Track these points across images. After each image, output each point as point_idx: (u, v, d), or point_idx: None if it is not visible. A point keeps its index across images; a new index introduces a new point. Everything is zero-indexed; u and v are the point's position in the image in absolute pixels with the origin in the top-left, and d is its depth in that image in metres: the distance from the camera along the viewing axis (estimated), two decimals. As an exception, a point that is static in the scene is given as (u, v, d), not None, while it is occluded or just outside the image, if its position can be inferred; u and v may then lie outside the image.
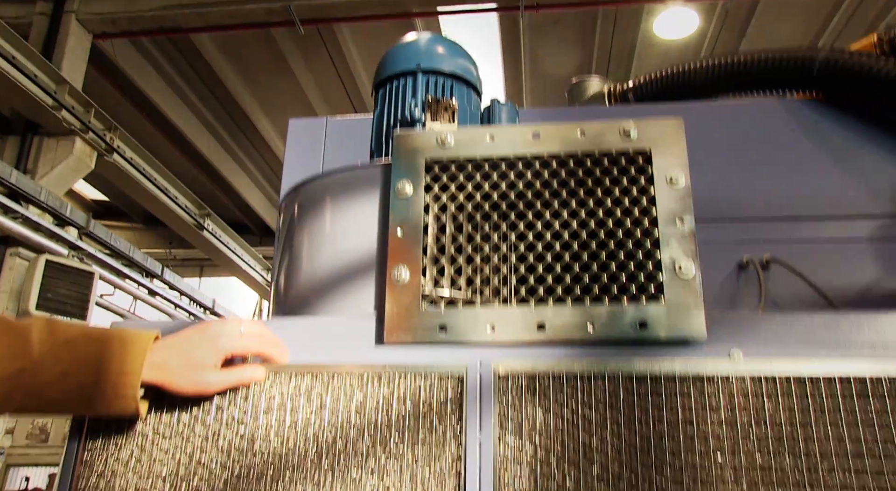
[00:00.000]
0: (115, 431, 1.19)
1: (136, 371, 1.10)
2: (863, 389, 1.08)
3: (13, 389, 1.05)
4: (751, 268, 1.97)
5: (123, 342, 1.12)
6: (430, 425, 1.13)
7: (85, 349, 1.09)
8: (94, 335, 1.12)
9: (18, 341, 1.06)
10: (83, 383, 1.08)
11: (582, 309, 1.20)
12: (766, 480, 1.05)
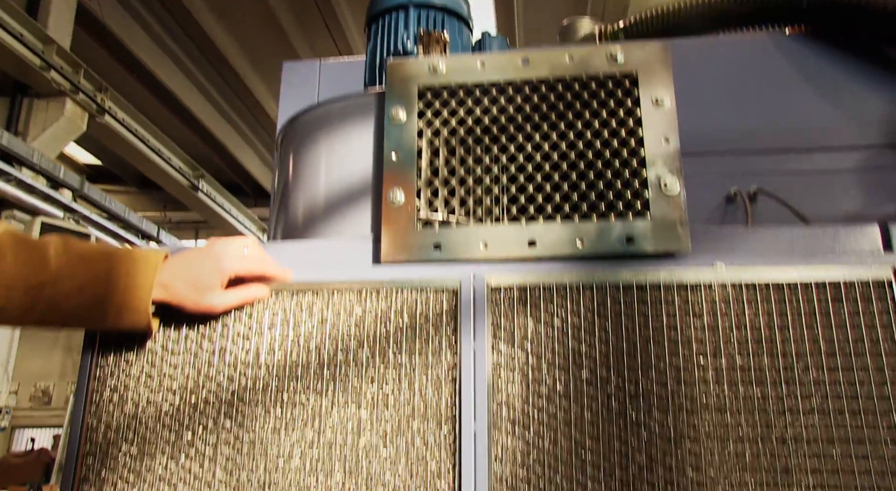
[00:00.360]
0: (126, 349, 1.24)
1: (147, 287, 1.15)
2: (836, 293, 1.13)
3: (34, 302, 1.10)
4: (738, 200, 2.02)
5: (135, 260, 1.16)
6: (427, 336, 1.18)
7: (99, 265, 1.14)
8: (108, 252, 1.16)
9: (37, 256, 1.10)
10: (98, 297, 1.13)
11: (571, 226, 1.24)
12: (746, 380, 1.11)
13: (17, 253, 1.10)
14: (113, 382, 1.23)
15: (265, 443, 1.16)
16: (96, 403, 1.22)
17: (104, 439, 1.20)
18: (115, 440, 1.20)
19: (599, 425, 1.12)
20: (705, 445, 1.09)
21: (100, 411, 1.22)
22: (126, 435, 1.19)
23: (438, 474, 1.12)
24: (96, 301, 1.14)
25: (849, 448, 1.07)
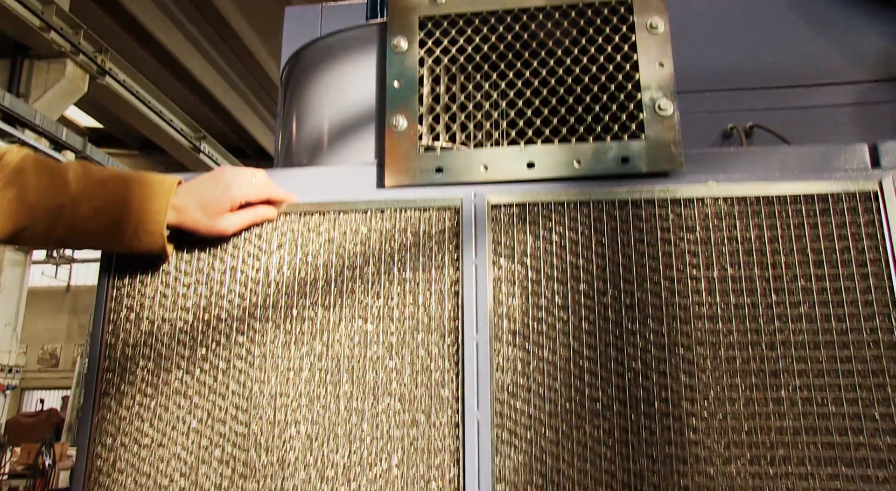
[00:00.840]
0: (140, 271, 1.29)
1: (161, 210, 1.19)
2: (825, 205, 1.17)
3: (55, 223, 1.15)
4: (735, 135, 2.05)
5: (151, 184, 1.20)
6: (430, 253, 1.23)
7: (116, 188, 1.19)
8: (125, 177, 1.21)
9: (57, 179, 1.15)
10: (115, 220, 1.18)
11: (568, 147, 1.28)
12: (737, 290, 1.16)
13: (38, 176, 1.15)
14: (129, 303, 1.28)
15: (276, 357, 1.21)
16: (114, 322, 1.27)
17: (122, 356, 1.26)
18: (132, 356, 1.25)
19: (596, 335, 1.17)
20: (697, 352, 1.14)
21: (117, 330, 1.27)
22: (143, 351, 1.25)
23: (442, 383, 1.18)
24: (113, 224, 1.18)
25: (834, 352, 1.12)
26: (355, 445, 1.16)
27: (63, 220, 1.15)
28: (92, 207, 1.17)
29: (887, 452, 1.07)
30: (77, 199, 1.16)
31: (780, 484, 1.08)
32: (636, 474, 1.12)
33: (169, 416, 1.21)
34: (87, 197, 1.17)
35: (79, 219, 1.16)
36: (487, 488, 1.13)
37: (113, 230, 1.19)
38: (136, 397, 1.23)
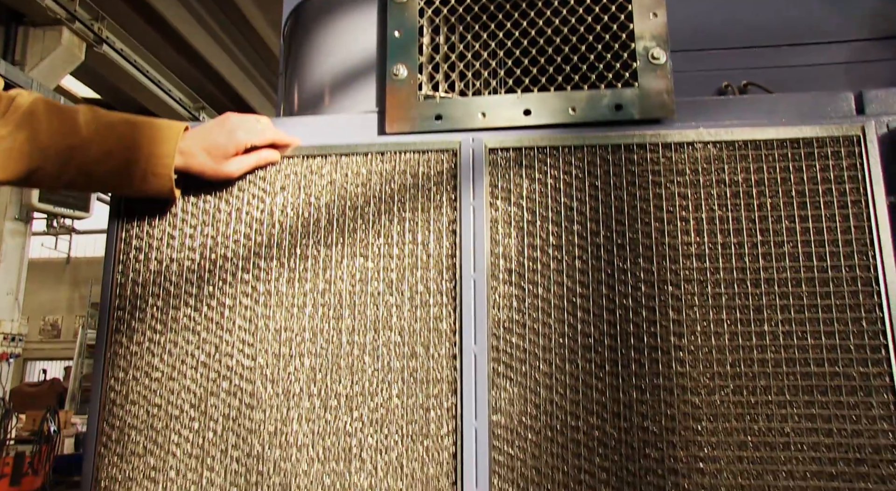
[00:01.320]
0: (149, 214, 1.34)
1: (170, 153, 1.24)
2: (809, 149, 1.22)
3: (66, 164, 1.19)
4: (730, 92, 2.08)
5: (159, 128, 1.25)
6: (429, 194, 1.27)
7: (125, 132, 1.23)
8: (133, 121, 1.25)
9: (68, 121, 1.19)
10: (125, 163, 1.22)
11: (564, 95, 1.32)
12: (724, 230, 1.21)
13: (50, 118, 1.19)
14: (138, 244, 1.33)
15: (280, 293, 1.27)
16: (123, 262, 1.32)
17: (132, 294, 1.31)
18: (142, 295, 1.30)
19: (589, 273, 1.22)
20: (685, 289, 1.20)
21: (127, 270, 1.32)
22: (152, 290, 1.30)
23: (440, 318, 1.23)
24: (123, 167, 1.23)
25: (814, 289, 1.17)
26: (357, 377, 1.22)
27: (74, 161, 1.20)
28: (102, 150, 1.21)
29: (859, 379, 1.13)
30: (88, 141, 1.20)
31: (761, 412, 1.14)
32: (625, 405, 1.17)
33: (178, 350, 1.27)
34: (98, 139, 1.21)
35: (89, 161, 1.20)
36: (484, 420, 1.19)
37: (123, 173, 1.23)
38: (146, 333, 1.29)
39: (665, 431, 1.15)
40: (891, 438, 1.10)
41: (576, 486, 1.15)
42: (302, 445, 1.22)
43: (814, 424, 1.13)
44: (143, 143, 1.23)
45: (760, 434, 1.14)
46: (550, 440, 1.18)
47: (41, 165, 1.18)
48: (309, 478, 1.20)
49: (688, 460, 1.14)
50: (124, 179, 1.25)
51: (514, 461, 1.18)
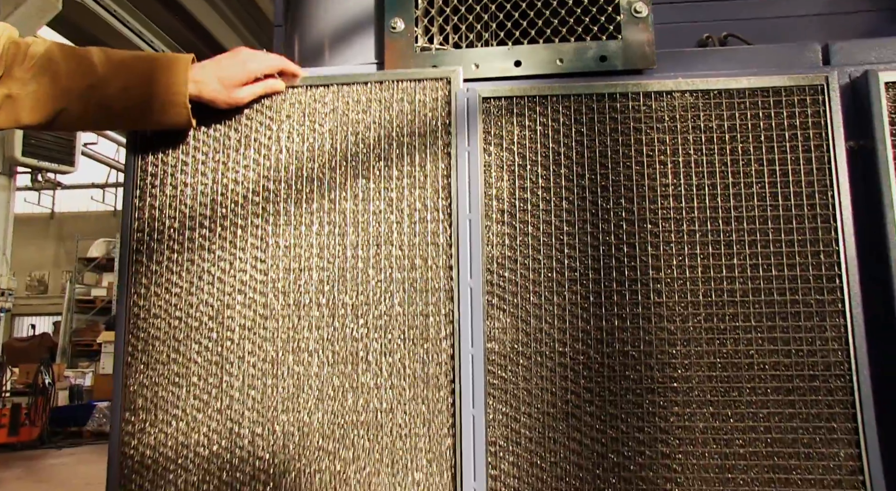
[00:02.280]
0: (162, 145, 1.44)
1: (183, 82, 1.33)
2: (778, 97, 1.32)
3: (87, 103, 1.28)
4: (710, 43, 2.17)
5: (169, 61, 1.33)
6: (425, 120, 1.37)
7: (138, 66, 1.31)
8: (143, 56, 1.33)
9: (84, 62, 1.27)
10: (142, 95, 1.31)
11: (552, 47, 1.41)
12: (699, 173, 1.32)
13: (67, 61, 1.27)
14: (153, 171, 1.43)
15: (289, 213, 1.39)
16: (140, 188, 1.43)
17: (150, 218, 1.42)
18: (159, 218, 1.42)
19: (575, 213, 1.33)
20: (663, 227, 1.31)
21: (144, 195, 1.43)
22: (168, 213, 1.42)
23: (437, 232, 1.35)
24: (141, 100, 1.31)
25: (779, 225, 1.29)
26: (362, 287, 1.35)
27: (94, 99, 1.28)
28: (119, 86, 1.29)
29: (815, 306, 1.26)
30: (104, 79, 1.28)
31: (729, 336, 1.27)
32: (608, 332, 1.30)
33: (195, 268, 1.39)
34: (114, 76, 1.29)
35: (108, 98, 1.29)
36: (480, 347, 1.31)
37: (141, 107, 1.32)
38: (164, 253, 1.41)
39: (643, 354, 1.28)
40: (840, 355, 1.24)
41: (563, 405, 1.29)
42: (313, 351, 1.35)
43: (775, 346, 1.26)
44: (156, 76, 1.32)
45: (728, 356, 1.27)
46: (540, 365, 1.30)
47: (66, 107, 1.27)
48: (320, 379, 1.34)
49: (663, 380, 1.27)
50: (144, 112, 1.33)
51: (507, 384, 1.30)
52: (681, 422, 1.26)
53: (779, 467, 1.23)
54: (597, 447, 1.27)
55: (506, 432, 1.29)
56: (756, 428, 1.24)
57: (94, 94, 1.27)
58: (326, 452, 1.32)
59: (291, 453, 1.33)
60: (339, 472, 1.31)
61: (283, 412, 1.34)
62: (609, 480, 1.25)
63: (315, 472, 1.32)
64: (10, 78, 1.23)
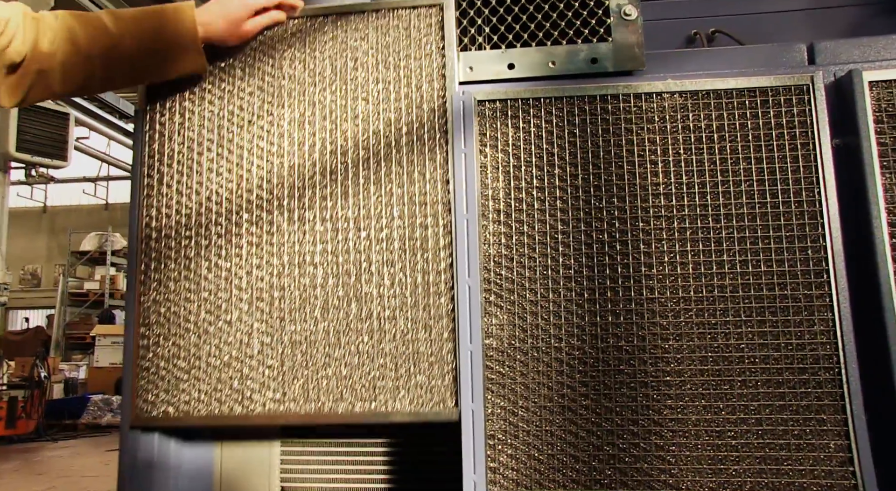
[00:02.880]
0: (171, 90, 1.52)
1: (193, 30, 1.39)
2: (765, 98, 1.36)
3: (110, 64, 1.34)
4: (698, 40, 2.20)
5: (175, 11, 1.38)
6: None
7: (148, 23, 1.36)
8: (150, 11, 1.38)
9: (98, 24, 1.32)
10: (157, 49, 1.37)
11: (544, 50, 1.44)
12: (689, 172, 1.36)
13: (83, 27, 1.32)
14: (166, 116, 1.53)
15: (291, 134, 1.47)
16: (149, 133, 1.53)
17: (159, 145, 1.52)
18: (168, 144, 1.52)
19: (569, 212, 1.37)
20: (654, 225, 1.35)
21: (155, 133, 1.53)
22: (177, 140, 1.51)
23: (434, 140, 1.43)
24: (157, 53, 1.37)
25: (767, 222, 1.33)
26: (363, 202, 1.43)
27: (115, 59, 1.34)
28: (134, 44, 1.34)
29: (804, 300, 1.30)
30: (119, 38, 1.33)
31: (720, 331, 1.31)
32: (602, 327, 1.34)
33: (204, 190, 1.49)
34: (128, 35, 1.34)
35: (127, 57, 1.34)
36: (478, 343, 1.34)
37: (159, 59, 1.38)
38: (174, 177, 1.51)
39: (636, 349, 1.32)
40: (828, 349, 1.28)
41: (559, 399, 1.32)
42: (318, 263, 1.42)
43: (765, 340, 1.30)
44: (166, 27, 1.37)
45: (719, 350, 1.31)
46: (536, 360, 1.34)
47: (93, 72, 1.33)
48: (325, 290, 1.41)
49: (656, 374, 1.31)
50: (161, 64, 1.40)
51: (505, 379, 1.34)
52: (674, 414, 1.30)
53: (770, 458, 1.27)
54: (592, 440, 1.31)
55: (504, 426, 1.33)
56: (747, 420, 1.28)
57: (114, 55, 1.33)
58: (333, 359, 1.39)
59: (299, 361, 1.40)
60: (345, 377, 1.38)
61: (290, 323, 1.41)
62: (605, 471, 1.30)
63: (322, 378, 1.39)
64: (38, 53, 1.27)
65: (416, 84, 1.43)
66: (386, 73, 1.44)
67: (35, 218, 17.12)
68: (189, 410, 1.42)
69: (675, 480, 1.28)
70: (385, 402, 1.36)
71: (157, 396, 1.43)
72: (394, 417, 1.36)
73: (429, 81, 1.43)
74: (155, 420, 1.44)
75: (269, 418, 1.39)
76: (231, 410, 1.40)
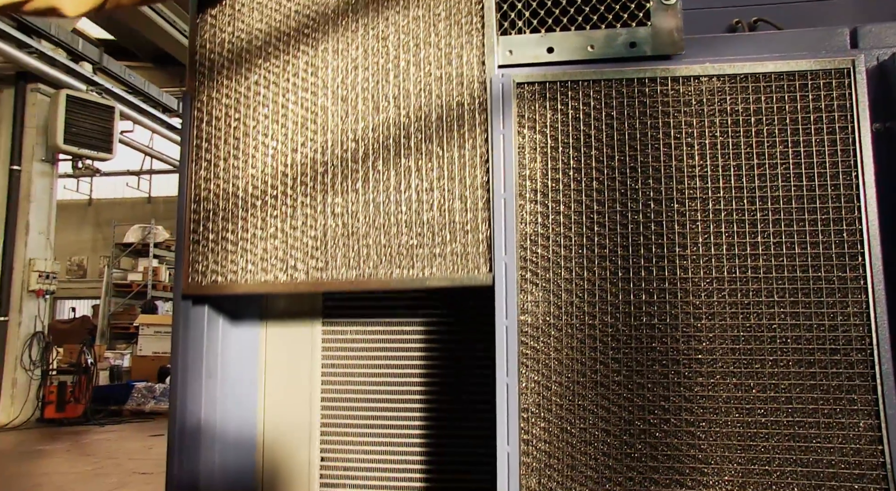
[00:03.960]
0: None
1: None
2: (804, 81, 1.37)
3: None
4: (739, 29, 2.20)
5: None
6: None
7: None
8: None
9: None
10: None
11: (584, 34, 1.47)
12: (725, 154, 1.37)
13: None
14: None
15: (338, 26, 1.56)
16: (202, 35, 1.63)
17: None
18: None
19: (605, 193, 1.39)
20: (689, 206, 1.37)
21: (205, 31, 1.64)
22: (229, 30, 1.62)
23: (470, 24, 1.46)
24: None
25: (803, 204, 1.34)
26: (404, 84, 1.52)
27: None
28: None
29: (838, 283, 1.31)
30: None
31: (752, 311, 1.33)
32: (635, 306, 1.36)
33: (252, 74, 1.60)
34: None
35: None
36: (514, 319, 1.38)
37: None
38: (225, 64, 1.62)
39: (669, 327, 1.34)
40: (861, 330, 1.29)
41: (592, 374, 1.35)
42: (360, 139, 1.51)
43: (797, 321, 1.31)
44: None
45: (752, 330, 1.32)
46: (570, 336, 1.37)
47: None
48: (367, 164, 1.50)
49: (688, 352, 1.33)
50: None
51: (539, 354, 1.37)
52: (705, 392, 1.32)
53: (799, 436, 1.28)
54: (624, 415, 1.33)
55: (538, 399, 1.36)
56: (777, 398, 1.30)
57: None
58: (372, 227, 1.48)
59: (341, 231, 1.50)
60: (384, 245, 1.47)
61: (332, 195, 1.50)
62: (635, 445, 1.32)
63: (363, 247, 1.49)
64: None
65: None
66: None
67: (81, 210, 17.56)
68: (237, 279, 1.52)
69: (704, 456, 1.30)
70: (422, 268, 1.44)
71: (207, 267, 1.54)
72: (430, 282, 1.44)
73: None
74: (205, 289, 1.55)
75: (313, 285, 1.49)
76: (276, 278, 1.50)
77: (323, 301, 1.77)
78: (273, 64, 1.55)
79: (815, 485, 1.27)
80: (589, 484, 1.33)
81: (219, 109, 1.58)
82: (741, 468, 1.29)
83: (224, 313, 1.68)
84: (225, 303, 1.68)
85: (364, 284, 1.45)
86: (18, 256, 8.34)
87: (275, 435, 1.75)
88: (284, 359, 1.76)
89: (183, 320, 1.58)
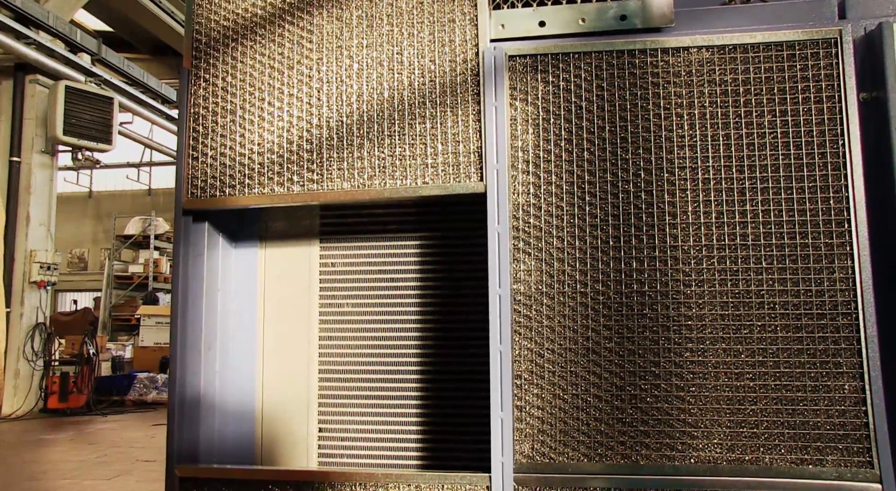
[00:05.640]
0: None
1: None
2: (792, 51, 1.39)
3: None
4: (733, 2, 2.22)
5: None
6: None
7: None
8: None
9: None
10: None
11: (575, 7, 1.49)
12: (714, 124, 1.39)
13: None
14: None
15: None
16: None
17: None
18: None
19: (596, 163, 1.42)
20: (679, 176, 1.39)
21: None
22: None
23: None
24: None
25: (790, 173, 1.36)
26: None
27: None
28: None
29: (825, 249, 1.33)
30: None
31: (741, 278, 1.35)
32: (626, 273, 1.39)
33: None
34: None
35: None
36: (507, 288, 1.40)
37: None
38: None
39: (659, 294, 1.37)
40: (847, 295, 1.31)
41: (583, 341, 1.38)
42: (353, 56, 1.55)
43: (784, 287, 1.34)
44: None
45: (740, 296, 1.35)
46: (562, 304, 1.40)
47: None
48: (360, 80, 1.54)
49: (678, 319, 1.36)
50: None
51: (532, 322, 1.40)
52: (694, 357, 1.34)
53: (786, 399, 1.31)
54: (615, 381, 1.36)
55: (531, 367, 1.39)
56: (765, 363, 1.32)
57: None
58: (366, 140, 1.52)
59: (336, 144, 1.54)
60: (378, 156, 1.51)
61: (327, 109, 1.55)
62: (627, 410, 1.35)
63: (357, 159, 1.52)
64: None
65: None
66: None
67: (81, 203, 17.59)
68: (234, 194, 1.56)
69: (694, 419, 1.32)
70: (416, 178, 1.48)
71: (206, 183, 1.58)
72: (423, 191, 1.48)
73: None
74: (204, 203, 1.59)
75: (309, 197, 1.53)
76: (273, 191, 1.54)
77: (320, 220, 1.80)
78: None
79: (801, 446, 1.29)
80: (581, 449, 1.35)
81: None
82: (730, 431, 1.32)
83: (224, 233, 1.73)
84: (224, 220, 1.72)
85: (358, 194, 1.50)
86: (19, 248, 8.38)
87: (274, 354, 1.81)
88: (282, 280, 1.80)
89: (184, 237, 1.62)
